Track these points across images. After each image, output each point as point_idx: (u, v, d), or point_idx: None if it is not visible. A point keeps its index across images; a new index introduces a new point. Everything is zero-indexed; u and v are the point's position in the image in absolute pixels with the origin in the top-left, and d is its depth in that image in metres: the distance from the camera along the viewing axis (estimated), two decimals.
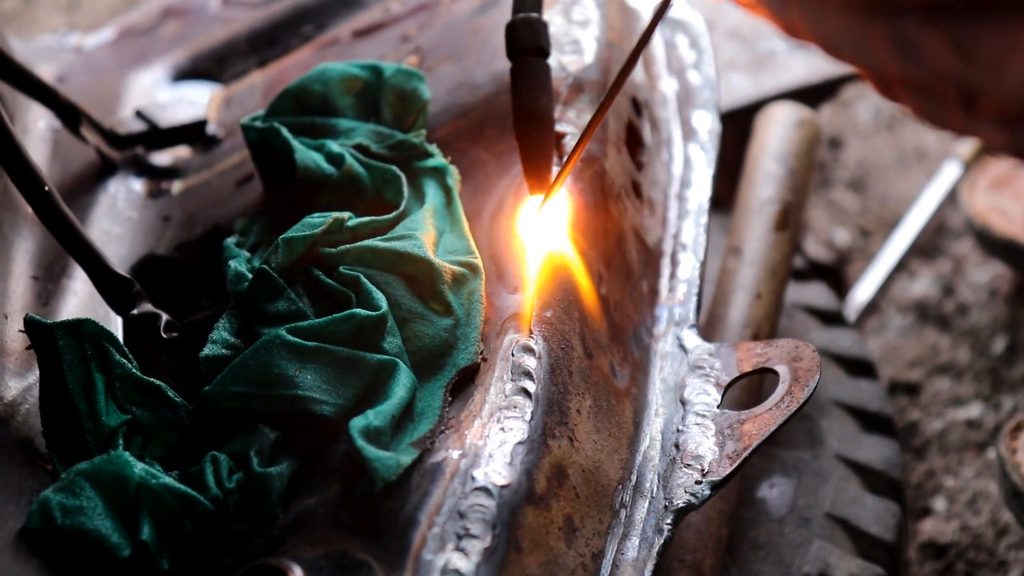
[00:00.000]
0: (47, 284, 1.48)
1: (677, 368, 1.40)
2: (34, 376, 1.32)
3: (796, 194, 1.94)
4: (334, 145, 1.45)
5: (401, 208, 1.40)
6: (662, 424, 1.34)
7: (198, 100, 1.84)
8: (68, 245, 1.35)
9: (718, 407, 1.33)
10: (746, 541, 1.60)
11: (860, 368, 1.93)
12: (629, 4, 1.74)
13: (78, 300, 1.45)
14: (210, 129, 1.77)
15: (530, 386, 1.23)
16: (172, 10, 2.16)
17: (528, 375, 1.24)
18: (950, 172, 2.64)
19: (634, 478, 1.29)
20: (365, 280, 1.30)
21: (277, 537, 1.17)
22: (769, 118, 2.06)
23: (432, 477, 1.15)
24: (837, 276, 2.41)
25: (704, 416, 1.33)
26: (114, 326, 1.37)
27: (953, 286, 2.56)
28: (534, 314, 1.30)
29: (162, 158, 1.75)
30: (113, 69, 2.02)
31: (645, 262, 1.50)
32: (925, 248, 2.64)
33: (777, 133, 2.01)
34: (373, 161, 1.45)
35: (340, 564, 1.13)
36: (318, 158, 1.44)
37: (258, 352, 1.24)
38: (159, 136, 1.73)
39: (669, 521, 1.24)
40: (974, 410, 2.28)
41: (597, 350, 1.35)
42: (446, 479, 1.15)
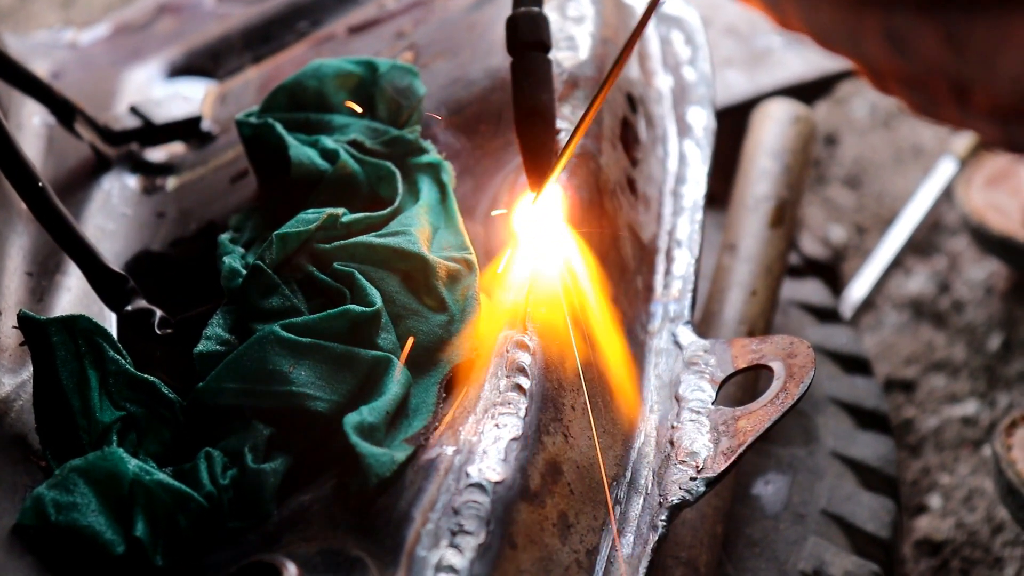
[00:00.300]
0: (41, 280, 1.47)
1: (672, 364, 1.40)
2: (28, 372, 1.32)
3: (791, 191, 1.94)
4: (329, 141, 1.45)
5: (396, 204, 1.40)
6: (657, 420, 1.34)
7: (193, 96, 1.84)
8: (62, 241, 1.35)
9: (713, 403, 1.33)
10: (741, 538, 1.60)
11: (855, 365, 1.93)
12: (624, 0, 1.73)
13: (72, 296, 1.45)
14: (205, 125, 1.76)
15: (524, 382, 1.23)
16: (167, 6, 2.16)
17: (522, 371, 1.24)
18: (946, 169, 2.63)
19: (629, 475, 1.29)
20: (359, 276, 1.30)
21: (271, 534, 1.17)
22: (765, 114, 2.06)
23: (426, 473, 1.15)
24: (833, 273, 2.41)
25: (699, 412, 1.33)
26: (108, 322, 1.37)
27: (949, 283, 2.56)
28: (528, 310, 1.30)
29: (156, 154, 1.75)
30: (108, 65, 2.02)
31: (640, 258, 1.50)
32: (921, 245, 2.64)
33: (773, 129, 2.01)
34: (368, 157, 1.45)
35: (334, 561, 1.12)
36: (312, 154, 1.43)
37: (252, 348, 1.24)
38: (153, 132, 1.73)
39: (664, 517, 1.24)
40: (970, 407, 2.28)
41: (592, 346, 1.35)
42: (440, 475, 1.15)
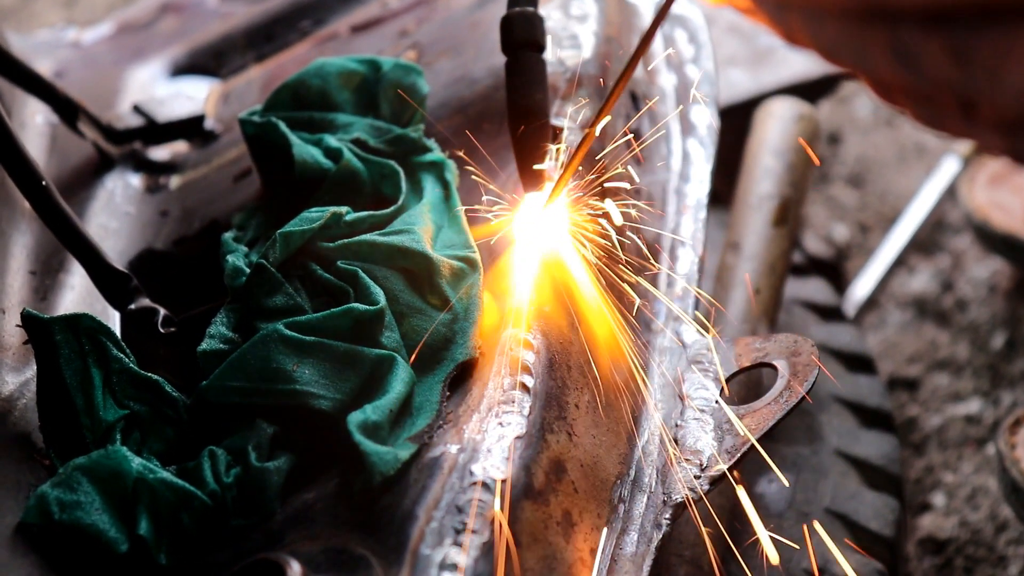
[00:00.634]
0: (44, 279, 1.48)
1: (676, 363, 1.40)
2: (31, 371, 1.32)
3: (795, 189, 1.94)
4: (332, 140, 1.45)
5: (399, 203, 1.40)
6: (661, 419, 1.34)
7: (196, 95, 1.84)
8: (65, 240, 1.35)
9: (717, 402, 1.33)
10: (745, 536, 1.59)
11: (859, 364, 1.93)
12: None
13: (75, 295, 1.45)
14: (208, 124, 1.76)
15: (528, 381, 1.23)
16: (170, 5, 2.16)
17: (526, 370, 1.24)
18: (949, 167, 2.63)
19: (633, 473, 1.29)
20: (363, 275, 1.30)
21: (275, 532, 1.17)
22: (768, 113, 2.06)
23: (430, 472, 1.15)
24: (836, 272, 2.41)
25: (703, 411, 1.32)
26: (112, 321, 1.37)
27: (952, 282, 2.55)
28: (532, 309, 1.30)
29: (160, 153, 1.75)
30: (111, 64, 2.02)
31: (643, 257, 1.50)
32: (924, 244, 2.64)
33: (776, 128, 2.01)
34: (371, 156, 1.45)
35: (338, 559, 1.12)
36: (316, 153, 1.43)
37: (256, 347, 1.24)
38: (157, 131, 1.73)
39: (668, 516, 1.24)
40: (973, 406, 2.28)
41: (595, 345, 1.35)
42: (444, 474, 1.14)
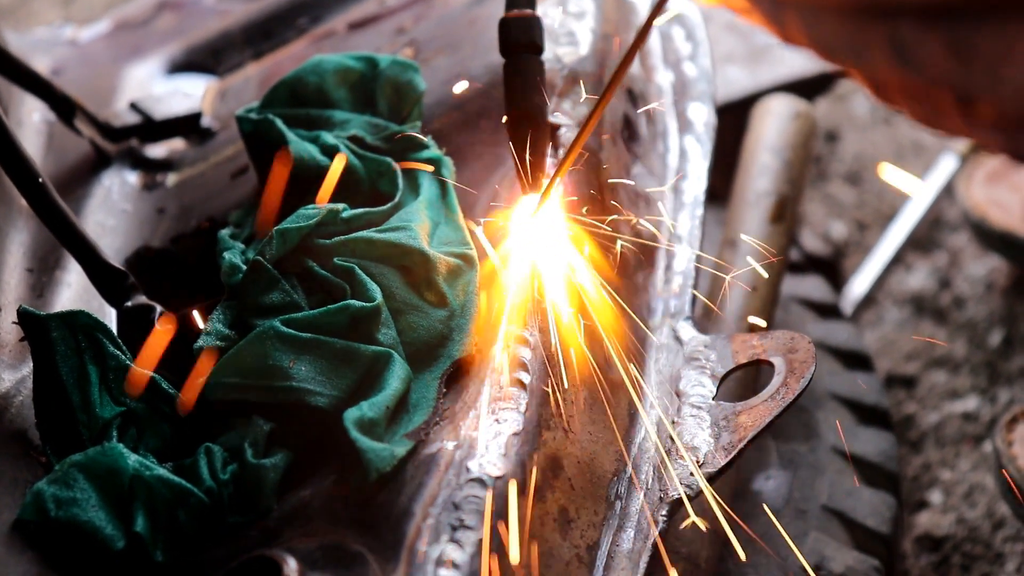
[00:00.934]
0: (41, 276, 1.47)
1: (672, 360, 1.40)
2: (28, 368, 1.32)
3: (792, 186, 1.94)
4: (329, 137, 1.45)
5: (396, 200, 1.40)
6: (657, 416, 1.34)
7: (193, 93, 1.84)
8: (62, 237, 1.35)
9: (713, 399, 1.33)
10: (742, 534, 1.59)
11: (856, 361, 1.93)
12: None
13: (72, 292, 1.45)
14: (205, 121, 1.76)
15: (525, 378, 1.23)
16: (167, 3, 2.16)
17: (523, 367, 1.24)
18: (947, 165, 2.63)
19: (629, 469, 1.29)
20: (360, 271, 1.30)
21: (272, 529, 1.17)
22: (765, 110, 2.05)
23: (427, 468, 1.15)
24: (833, 269, 2.41)
25: (699, 408, 1.32)
26: (108, 318, 1.37)
27: (950, 279, 2.55)
28: (529, 305, 1.30)
29: (157, 151, 1.75)
30: (108, 62, 2.02)
31: (640, 254, 1.50)
32: (921, 241, 2.64)
33: (773, 125, 2.01)
34: (368, 153, 1.45)
35: (335, 555, 1.12)
36: (313, 150, 1.43)
37: (252, 343, 1.24)
38: (154, 129, 1.73)
39: (664, 513, 1.24)
40: (970, 403, 2.28)
41: (592, 342, 1.35)
42: (441, 470, 1.14)
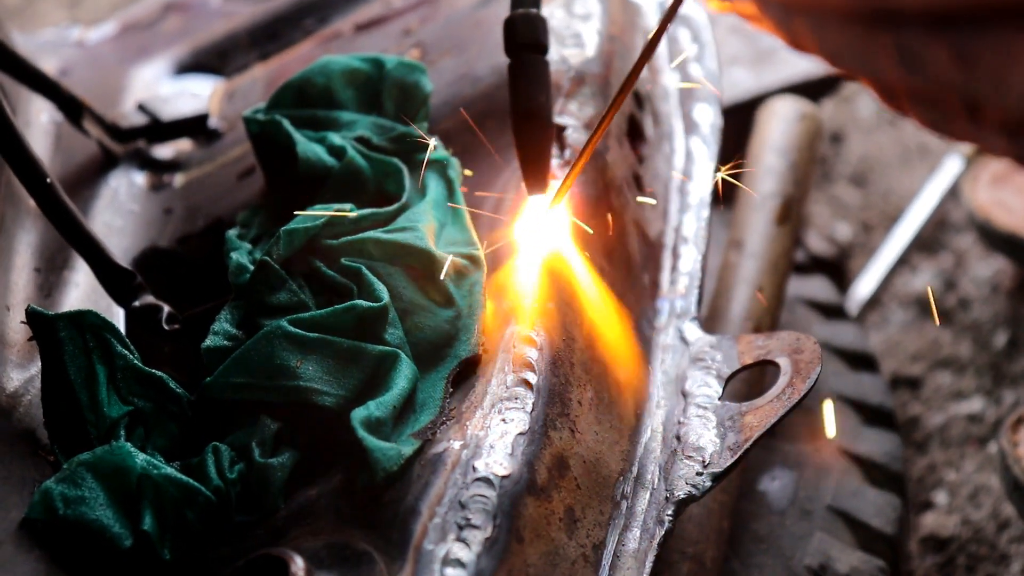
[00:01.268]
0: (49, 276, 1.48)
1: (678, 360, 1.40)
2: (36, 367, 1.32)
3: (797, 188, 1.94)
4: (336, 138, 1.45)
5: (403, 200, 1.40)
6: (663, 416, 1.34)
7: (200, 93, 1.85)
8: (70, 237, 1.35)
9: (719, 399, 1.34)
10: (747, 533, 1.60)
11: (862, 362, 1.94)
12: None
13: (80, 292, 1.46)
14: (212, 122, 1.77)
15: (531, 377, 1.23)
16: (174, 4, 2.16)
17: (529, 366, 1.24)
18: (952, 167, 2.63)
19: (635, 469, 1.29)
20: (367, 271, 1.30)
21: (279, 528, 1.18)
22: (771, 112, 2.06)
23: (433, 468, 1.16)
24: (839, 270, 2.41)
25: (705, 408, 1.33)
26: (116, 318, 1.37)
27: (955, 280, 2.55)
28: (536, 305, 1.30)
29: (164, 151, 1.75)
30: (115, 63, 2.02)
31: (646, 255, 1.50)
32: (927, 243, 2.64)
33: (778, 127, 2.01)
34: (375, 154, 1.45)
35: (341, 555, 1.13)
36: (320, 151, 1.44)
37: (259, 343, 1.24)
38: (161, 129, 1.74)
39: (670, 512, 1.25)
40: (975, 404, 2.28)
41: (599, 342, 1.35)
42: (447, 470, 1.15)
